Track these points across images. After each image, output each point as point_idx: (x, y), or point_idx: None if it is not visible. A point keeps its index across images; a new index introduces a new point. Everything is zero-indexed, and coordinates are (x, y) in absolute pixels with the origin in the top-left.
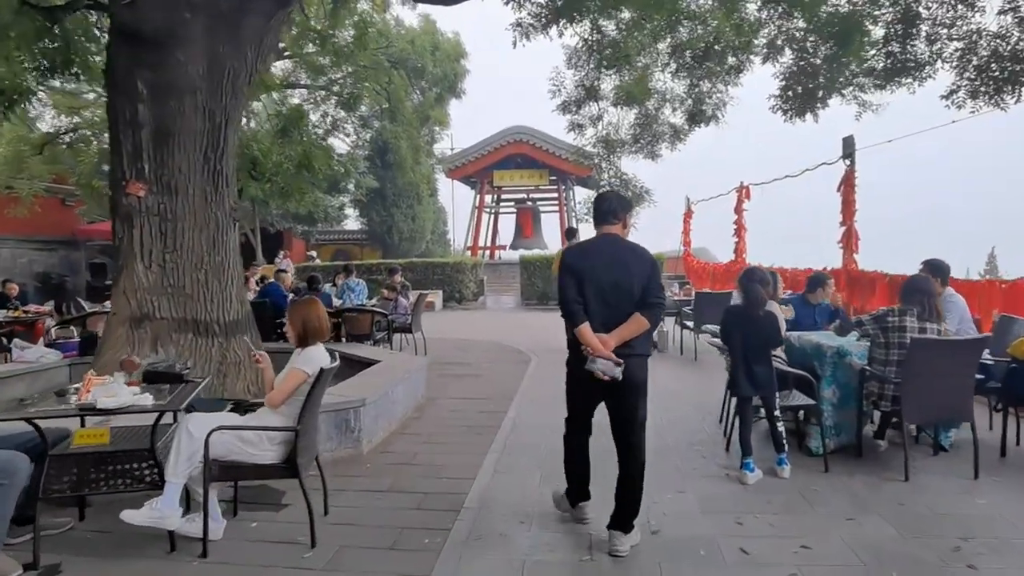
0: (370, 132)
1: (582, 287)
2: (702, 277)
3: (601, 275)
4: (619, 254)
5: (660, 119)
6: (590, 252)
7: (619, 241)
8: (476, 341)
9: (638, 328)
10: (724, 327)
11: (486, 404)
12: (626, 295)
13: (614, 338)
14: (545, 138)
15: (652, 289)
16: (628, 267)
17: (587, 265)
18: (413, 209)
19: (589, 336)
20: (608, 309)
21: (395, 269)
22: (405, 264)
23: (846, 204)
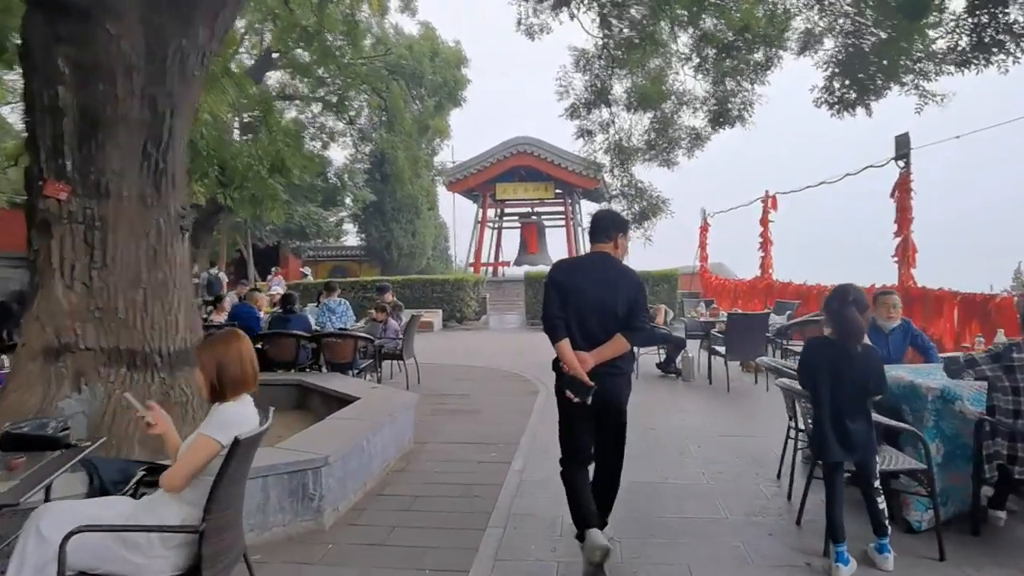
0: (369, 145)
1: (566, 303)
2: (721, 295)
3: (587, 292)
4: (606, 273)
5: (677, 123)
6: (578, 268)
7: (608, 260)
8: (476, 367)
9: (619, 349)
10: (806, 367)
11: (486, 451)
12: (610, 315)
13: (594, 357)
14: (551, 149)
15: (637, 312)
16: (614, 287)
17: (573, 281)
18: (413, 224)
19: (567, 353)
20: (591, 327)
21: (385, 287)
22: (402, 281)
23: (902, 212)
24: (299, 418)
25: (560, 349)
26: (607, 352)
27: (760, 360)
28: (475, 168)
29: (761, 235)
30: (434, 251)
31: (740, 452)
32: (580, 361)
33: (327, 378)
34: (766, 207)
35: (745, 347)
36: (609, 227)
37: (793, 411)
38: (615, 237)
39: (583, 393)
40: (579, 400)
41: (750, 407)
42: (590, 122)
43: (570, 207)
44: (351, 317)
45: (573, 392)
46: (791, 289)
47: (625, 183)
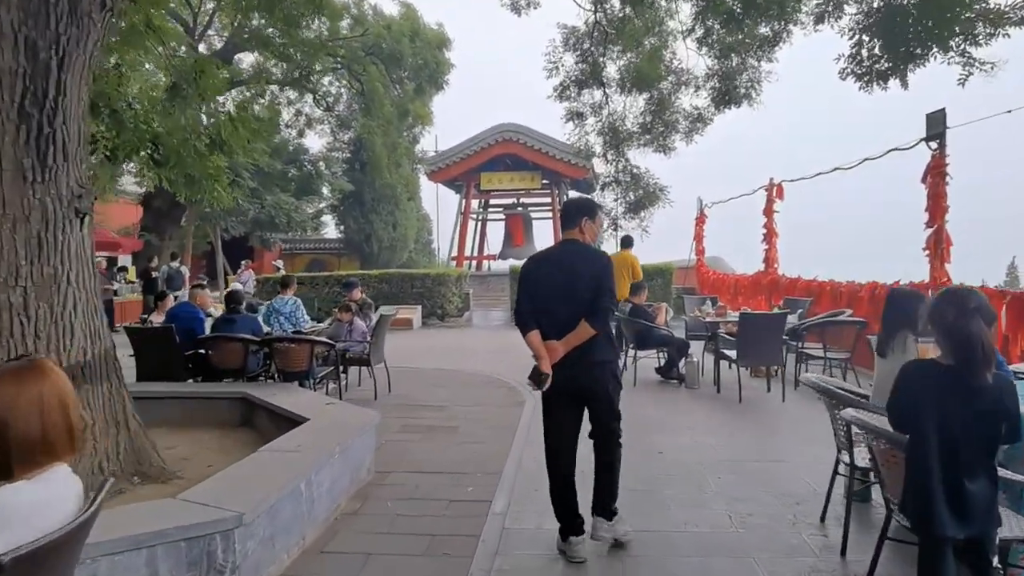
0: (348, 132)
1: (535, 294)
2: (720, 291)
3: (554, 283)
4: (570, 260)
5: (674, 105)
6: (546, 259)
7: (575, 247)
8: (456, 371)
9: (583, 335)
10: (905, 403)
11: (462, 483)
12: (575, 302)
13: (563, 345)
14: (538, 137)
15: (601, 293)
16: (577, 273)
17: (541, 272)
18: (394, 215)
19: (534, 343)
20: (560, 317)
21: (352, 283)
22: (379, 276)
23: (934, 199)
24: (242, 440)
25: (529, 340)
26: (573, 339)
27: (807, 379)
28: (458, 156)
29: (765, 226)
30: (416, 244)
31: (768, 484)
32: (550, 350)
33: (276, 390)
34: (770, 196)
35: (760, 352)
36: (574, 213)
37: (849, 444)
38: (580, 222)
39: (540, 381)
40: (536, 388)
41: (769, 422)
42: (581, 104)
43: (558, 198)
44: (303, 318)
45: (533, 381)
46: (800, 285)
47: (619, 169)
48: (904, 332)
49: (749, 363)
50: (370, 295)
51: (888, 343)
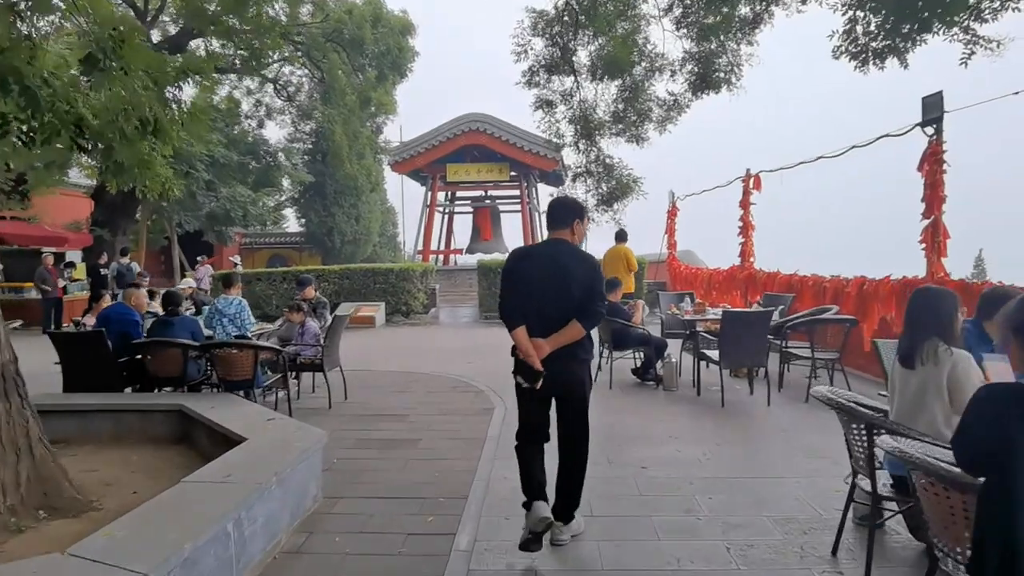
0: (310, 123)
1: (522, 291)
2: (693, 286)
3: (543, 280)
4: (563, 260)
5: (648, 92)
6: (534, 256)
7: (565, 246)
8: (420, 375)
9: (574, 335)
10: (983, 438)
11: (422, 511)
12: (566, 301)
13: (549, 344)
14: (505, 127)
15: (594, 297)
16: (571, 273)
17: (530, 269)
18: (356, 208)
19: (523, 340)
20: (548, 315)
21: (305, 280)
22: (341, 272)
23: (932, 188)
24: (176, 460)
25: (516, 336)
26: (562, 338)
27: (819, 393)
28: (422, 147)
29: (741, 219)
30: (381, 238)
31: (767, 506)
32: (536, 348)
33: (216, 402)
34: (747, 187)
35: (744, 352)
36: (566, 213)
37: (871, 470)
38: (572, 223)
39: (532, 379)
40: (528, 385)
41: (758, 430)
42: (550, 91)
43: (526, 190)
44: (249, 320)
45: (523, 377)
46: (779, 280)
47: (591, 159)
48: (934, 340)
49: (732, 364)
50: (331, 291)
51: (916, 352)
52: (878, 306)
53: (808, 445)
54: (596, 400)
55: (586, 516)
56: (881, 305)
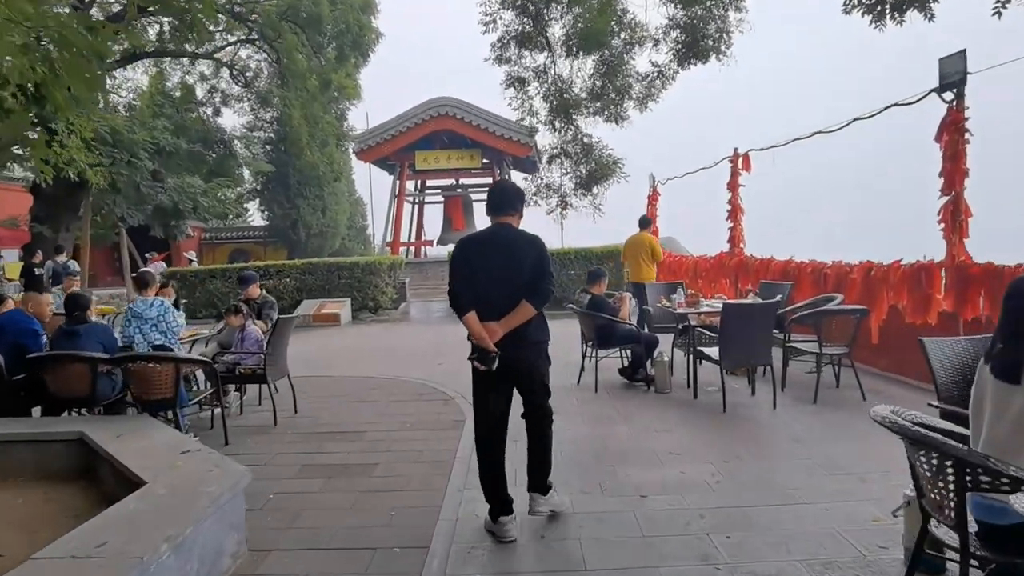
0: (270, 111)
1: (471, 277)
2: (678, 275)
3: (492, 265)
4: (510, 242)
5: (627, 67)
6: (482, 242)
7: (512, 231)
8: (384, 380)
9: (525, 315)
10: None
11: (372, 568)
12: (516, 285)
13: (502, 327)
14: (476, 112)
15: (543, 275)
16: (518, 255)
17: (478, 255)
18: (323, 200)
19: (474, 324)
20: (499, 299)
21: (248, 278)
22: (303, 266)
23: (952, 161)
24: (70, 503)
25: (467, 322)
26: (514, 319)
27: (879, 414)
28: (389, 133)
29: (729, 202)
30: (350, 231)
31: (797, 544)
32: (489, 332)
33: (124, 428)
34: (735, 168)
35: (747, 349)
36: (513, 198)
37: (960, 521)
38: (519, 208)
39: (488, 361)
40: (485, 368)
41: (767, 440)
42: (522, 67)
43: (499, 177)
44: (175, 324)
45: (479, 361)
46: (774, 268)
47: (568, 138)
48: None
49: (734, 363)
50: (293, 288)
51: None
52: (887, 294)
53: (828, 458)
54: (581, 406)
55: (579, 572)
56: (892, 293)
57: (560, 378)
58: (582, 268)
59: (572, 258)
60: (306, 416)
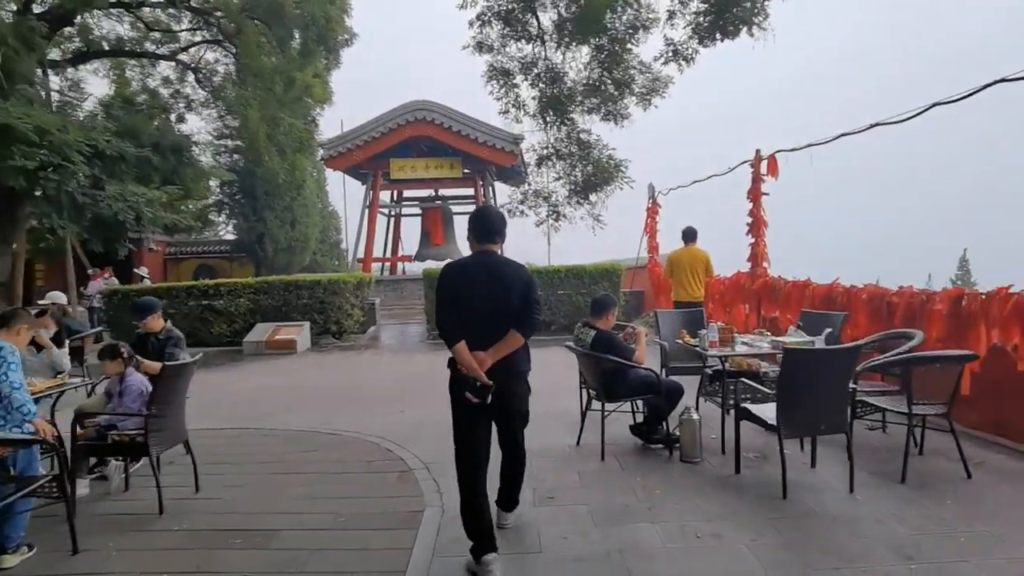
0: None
1: (460, 306)
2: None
3: (481, 293)
4: (498, 270)
5: (630, 55)
6: (469, 268)
7: (499, 259)
8: (327, 437)
9: (514, 345)
10: None
11: None
12: (505, 314)
13: (491, 356)
14: (457, 117)
15: (530, 304)
16: (507, 283)
17: (467, 283)
18: (292, 212)
19: (464, 355)
20: (488, 328)
21: (146, 305)
22: (257, 285)
23: None
24: None
25: (457, 352)
26: (504, 349)
27: None
28: (361, 139)
29: (750, 214)
30: (322, 245)
31: None
32: (478, 361)
33: None
34: (756, 174)
35: (818, 411)
36: (501, 226)
37: None
38: (503, 236)
39: (482, 393)
40: (479, 400)
41: (864, 557)
42: (507, 57)
43: (482, 189)
44: (10, 374)
45: (472, 393)
46: (815, 293)
47: (562, 135)
48: None
49: (799, 431)
50: (245, 310)
51: None
52: (988, 331)
53: None
54: (586, 485)
55: None
56: (998, 330)
57: (554, 434)
58: (572, 288)
59: (563, 277)
60: (208, 497)
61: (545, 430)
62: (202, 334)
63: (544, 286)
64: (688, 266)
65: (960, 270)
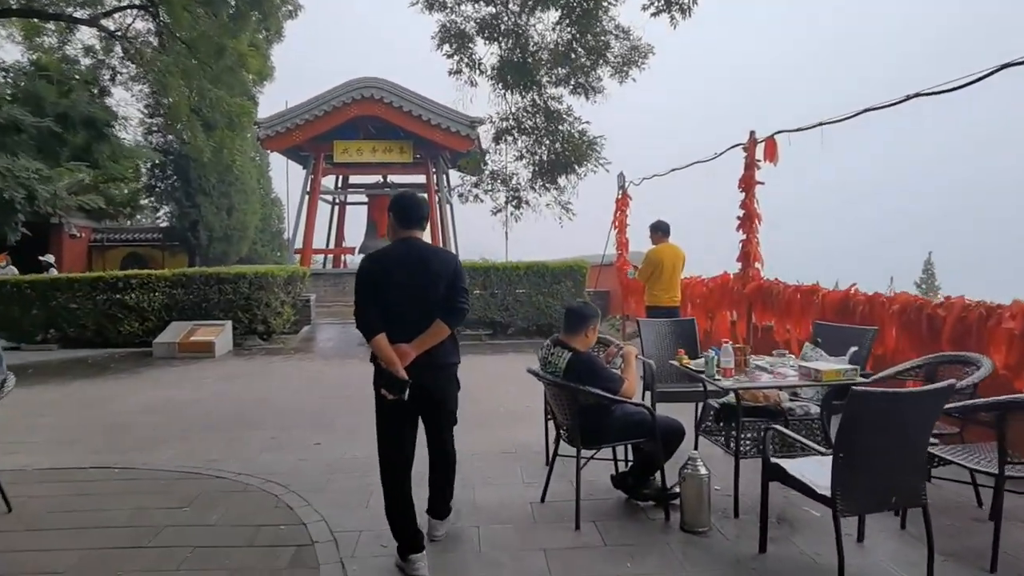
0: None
1: (381, 296)
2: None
3: (403, 282)
4: (422, 257)
5: (605, 19)
6: (391, 256)
7: (421, 245)
8: (210, 480)
9: (438, 335)
10: None
11: None
12: (430, 301)
13: (414, 348)
14: (408, 96)
15: (457, 292)
16: (432, 270)
17: (387, 272)
18: (229, 198)
19: (384, 348)
20: (411, 319)
21: None
22: (173, 278)
23: None
24: None
25: (376, 345)
26: (428, 340)
27: None
28: (302, 118)
29: (742, 205)
30: (263, 234)
31: None
32: (400, 354)
33: None
34: (751, 159)
35: (891, 478)
36: (422, 211)
37: None
38: (426, 223)
39: (398, 389)
40: (395, 397)
41: None
42: (462, 17)
43: (434, 176)
44: None
45: (388, 389)
46: (828, 300)
47: (526, 103)
48: None
49: (863, 505)
50: (159, 306)
51: None
52: None
53: None
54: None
55: None
56: None
57: (509, 483)
58: (533, 286)
59: (522, 274)
60: None
61: (498, 475)
62: (109, 333)
63: (502, 284)
64: (671, 265)
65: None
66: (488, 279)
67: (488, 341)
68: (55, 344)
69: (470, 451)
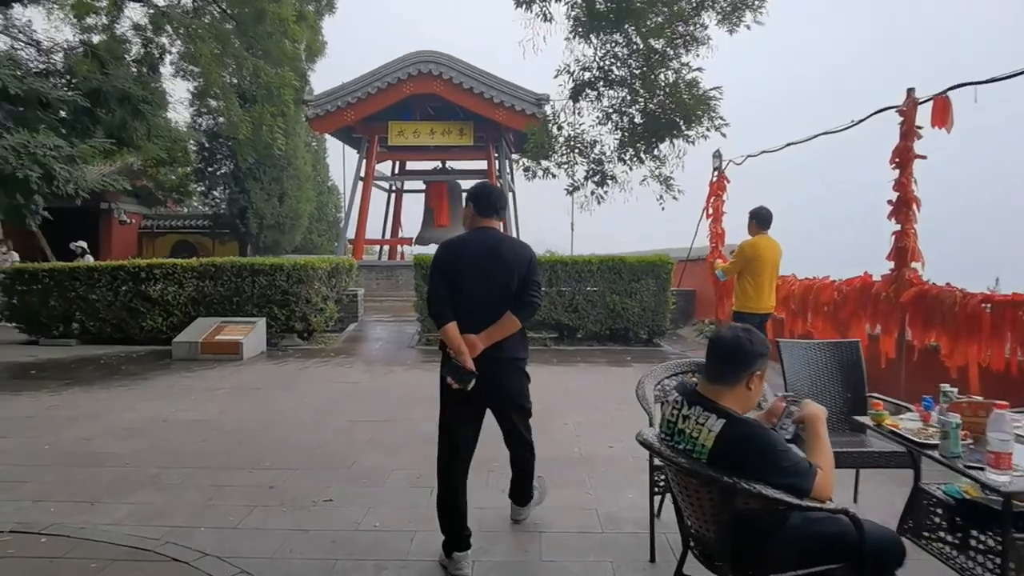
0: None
1: (454, 284)
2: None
3: (477, 272)
4: (498, 248)
5: None
6: (468, 245)
7: (498, 235)
8: (173, 567)
9: (509, 329)
10: None
11: None
12: (503, 294)
13: (483, 339)
14: (469, 71)
15: (529, 286)
16: (507, 262)
17: (461, 261)
18: (280, 184)
19: (454, 337)
20: (483, 309)
21: None
22: (202, 269)
23: None
24: None
25: (446, 333)
26: (497, 332)
27: None
28: (354, 95)
29: (896, 186)
30: (319, 223)
31: None
32: (469, 345)
33: None
34: (909, 127)
35: None
36: (498, 203)
37: None
38: (502, 214)
39: (464, 379)
40: (459, 387)
41: None
42: None
43: (496, 161)
44: None
45: (454, 378)
46: None
47: (616, 46)
48: None
49: None
50: (186, 299)
51: None
52: None
53: None
54: None
55: None
56: None
57: None
58: (606, 284)
59: (594, 270)
60: None
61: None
62: (130, 328)
63: (570, 281)
64: (771, 263)
65: None
66: (555, 275)
67: (553, 347)
68: (74, 340)
69: (528, 520)
